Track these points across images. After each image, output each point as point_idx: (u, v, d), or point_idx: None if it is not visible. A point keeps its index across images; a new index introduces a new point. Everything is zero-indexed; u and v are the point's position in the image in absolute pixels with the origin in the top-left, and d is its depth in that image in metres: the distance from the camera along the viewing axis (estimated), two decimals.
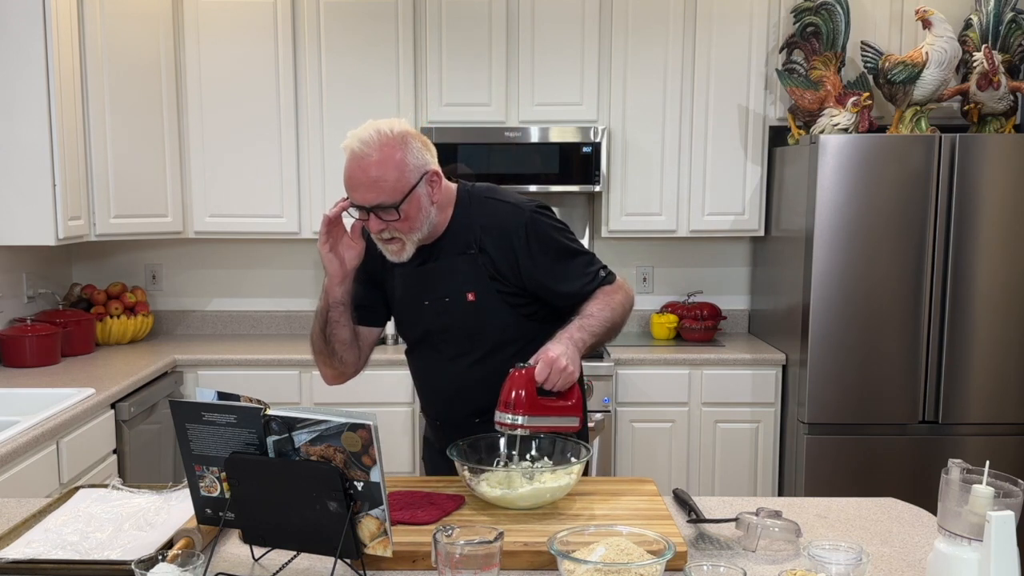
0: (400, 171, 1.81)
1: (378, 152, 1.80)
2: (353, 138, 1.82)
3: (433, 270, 1.95)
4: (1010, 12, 3.52)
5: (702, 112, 3.77)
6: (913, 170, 3.29)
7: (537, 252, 1.93)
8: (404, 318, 2.05)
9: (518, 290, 1.94)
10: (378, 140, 1.81)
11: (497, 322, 1.95)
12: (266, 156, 3.77)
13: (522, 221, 1.93)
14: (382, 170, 1.79)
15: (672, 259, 4.17)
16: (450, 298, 1.94)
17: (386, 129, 1.83)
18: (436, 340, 2.00)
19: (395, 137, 1.82)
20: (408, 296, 1.99)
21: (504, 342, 1.94)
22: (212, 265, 4.17)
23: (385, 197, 1.80)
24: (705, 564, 1.32)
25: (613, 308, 1.93)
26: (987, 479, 1.28)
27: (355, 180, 1.81)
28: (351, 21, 3.71)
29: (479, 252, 1.92)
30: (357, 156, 1.80)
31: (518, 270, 1.93)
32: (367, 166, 1.79)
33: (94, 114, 3.42)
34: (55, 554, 1.50)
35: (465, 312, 1.93)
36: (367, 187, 1.80)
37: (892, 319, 3.34)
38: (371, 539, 1.39)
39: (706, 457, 3.69)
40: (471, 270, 1.93)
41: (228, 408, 1.38)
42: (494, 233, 1.93)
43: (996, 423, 3.40)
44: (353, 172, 1.81)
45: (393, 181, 1.80)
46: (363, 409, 1.36)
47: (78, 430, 2.74)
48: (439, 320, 1.96)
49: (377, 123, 1.84)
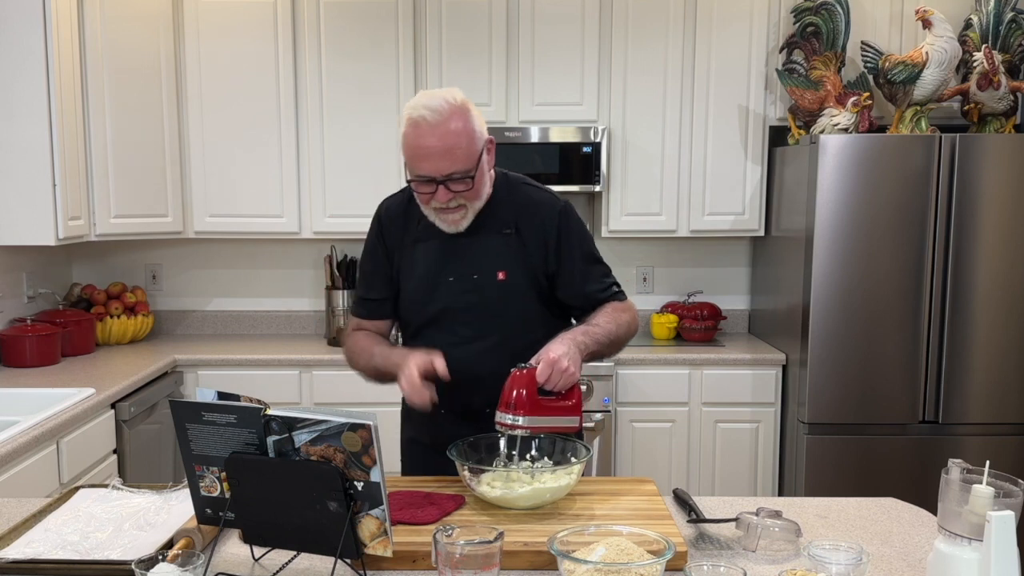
0: (470, 138, 1.81)
1: (450, 120, 1.78)
2: (419, 108, 1.79)
3: (465, 246, 1.92)
4: (1010, 12, 3.52)
5: (702, 112, 3.77)
6: (913, 170, 3.28)
7: (567, 244, 1.95)
8: (419, 296, 1.97)
9: (543, 278, 1.95)
10: (448, 108, 1.79)
11: (522, 305, 1.94)
12: (266, 156, 3.77)
13: (557, 211, 1.96)
14: (456, 138, 1.78)
15: (672, 259, 4.17)
16: (478, 275, 1.92)
17: (451, 97, 1.81)
18: (454, 320, 1.94)
19: (461, 105, 1.81)
20: (430, 272, 1.95)
21: (525, 328, 1.93)
22: (212, 265, 4.17)
23: (459, 165, 1.80)
24: (705, 564, 1.32)
25: (619, 324, 1.94)
26: (987, 479, 1.27)
27: (428, 150, 1.78)
28: (351, 21, 3.71)
29: (514, 233, 1.93)
30: (429, 125, 1.77)
31: (546, 257, 1.94)
32: (442, 135, 1.77)
33: (94, 114, 3.42)
34: (55, 554, 1.50)
35: (493, 291, 1.92)
36: (441, 156, 1.78)
37: (892, 319, 3.34)
38: (371, 539, 1.39)
39: (706, 457, 3.68)
40: (505, 250, 1.93)
41: (228, 408, 1.38)
42: (530, 217, 1.94)
43: (996, 423, 3.40)
44: (426, 142, 1.78)
45: (466, 148, 1.80)
46: (363, 409, 1.36)
47: (78, 430, 2.74)
48: (463, 298, 1.93)
49: (439, 92, 1.82)
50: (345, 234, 3.82)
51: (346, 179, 3.77)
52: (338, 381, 3.59)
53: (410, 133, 1.79)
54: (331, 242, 3.97)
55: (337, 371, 3.59)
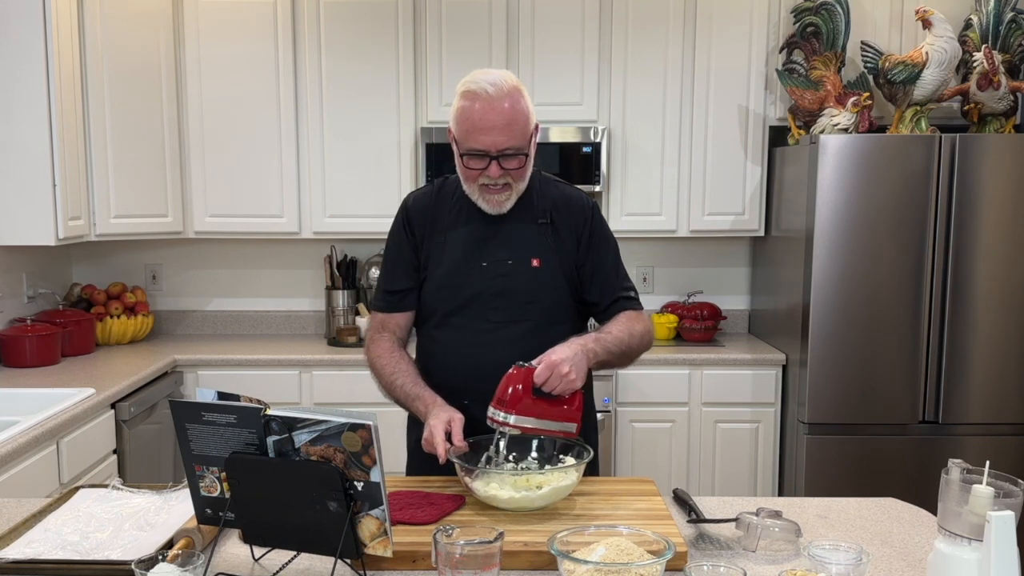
0: (527, 116, 1.84)
1: (511, 96, 1.81)
2: (480, 82, 1.81)
3: (501, 232, 1.94)
4: (1010, 12, 3.52)
5: (702, 112, 3.77)
6: (913, 170, 3.28)
7: (597, 240, 1.99)
8: (450, 281, 1.95)
9: (573, 271, 1.97)
10: (508, 84, 1.82)
11: (554, 295, 1.95)
12: (266, 156, 3.77)
13: (590, 207, 2.01)
14: (515, 114, 1.81)
15: (672, 259, 4.17)
16: (513, 261, 1.93)
17: (509, 76, 1.86)
18: (486, 306, 1.93)
19: (518, 83, 1.86)
20: (464, 257, 1.94)
21: (555, 318, 1.94)
22: (212, 265, 4.17)
23: (516, 141, 1.82)
24: (705, 564, 1.32)
25: (632, 335, 1.93)
26: (987, 479, 1.27)
27: (487, 122, 1.79)
28: (351, 21, 3.71)
29: (549, 223, 1.95)
30: (491, 98, 1.79)
31: (578, 249, 1.96)
32: (503, 110, 1.79)
33: (94, 114, 3.42)
34: (55, 554, 1.50)
35: (527, 277, 1.93)
36: (500, 130, 1.80)
37: (892, 319, 3.34)
38: (371, 539, 1.39)
39: (706, 457, 3.68)
40: (540, 238, 1.95)
41: (228, 408, 1.38)
42: (565, 210, 1.98)
43: (996, 423, 3.40)
44: (486, 115, 1.79)
45: (523, 125, 1.83)
46: (363, 409, 1.36)
47: (78, 430, 2.74)
48: (496, 283, 1.93)
49: (494, 70, 1.86)
50: (345, 234, 3.82)
51: (346, 179, 3.77)
52: (338, 381, 3.59)
53: (469, 107, 1.81)
54: (331, 242, 3.97)
55: (337, 371, 3.59)
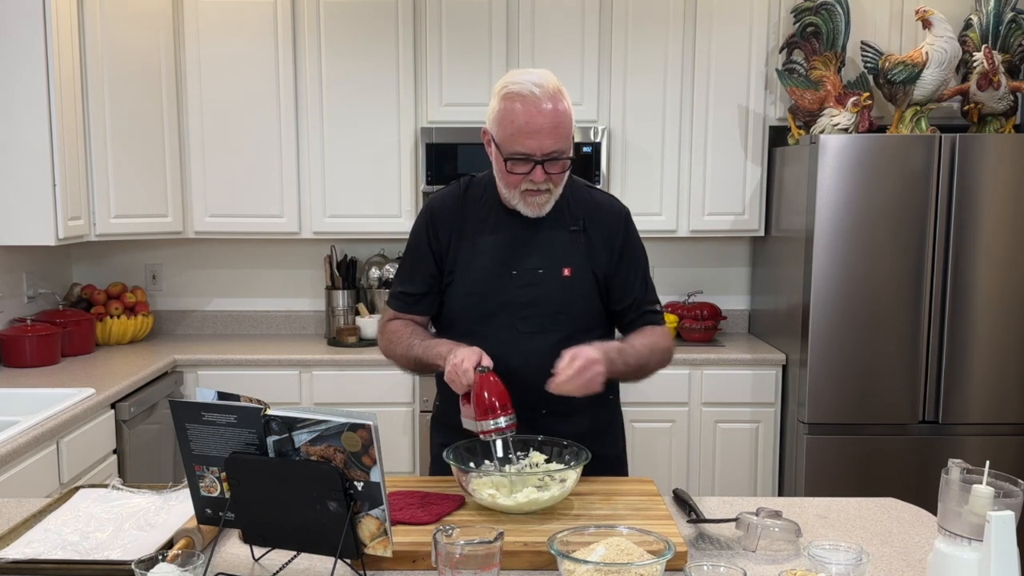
0: (571, 120, 1.81)
1: (555, 97, 1.77)
2: (526, 83, 1.76)
3: (533, 240, 1.90)
4: (1010, 12, 3.52)
5: (702, 112, 3.77)
6: (913, 170, 3.28)
7: (630, 248, 1.96)
8: (479, 289, 1.91)
9: (603, 279, 1.94)
10: (552, 85, 1.78)
11: (585, 303, 1.92)
12: (266, 156, 3.77)
13: (624, 215, 1.98)
14: (562, 116, 1.77)
15: (672, 259, 4.17)
16: (544, 270, 1.89)
17: (552, 76, 1.81)
18: (514, 316, 1.89)
19: (560, 84, 1.81)
20: (494, 264, 1.90)
21: (585, 327, 1.91)
22: (212, 265, 4.17)
23: (562, 144, 1.79)
24: (705, 564, 1.32)
25: (652, 351, 1.93)
26: (987, 479, 1.27)
27: (534, 125, 1.75)
28: (351, 21, 3.71)
29: (582, 231, 1.92)
30: (537, 100, 1.75)
31: (610, 258, 1.93)
32: (550, 113, 1.75)
33: (94, 114, 3.42)
34: (55, 554, 1.50)
35: (558, 286, 1.89)
36: (548, 133, 1.76)
37: (892, 319, 3.34)
38: (371, 539, 1.39)
39: (706, 457, 3.68)
40: (571, 246, 1.91)
41: (228, 408, 1.38)
42: (598, 217, 1.94)
43: (996, 423, 3.39)
44: (532, 117, 1.75)
45: (567, 128, 1.80)
46: (363, 409, 1.36)
47: (78, 430, 2.74)
48: (526, 292, 1.89)
49: (536, 71, 1.81)
50: (345, 234, 3.82)
51: (346, 179, 3.77)
52: (338, 381, 3.59)
53: (515, 108, 1.75)
54: (331, 242, 3.97)
55: (337, 371, 3.59)
